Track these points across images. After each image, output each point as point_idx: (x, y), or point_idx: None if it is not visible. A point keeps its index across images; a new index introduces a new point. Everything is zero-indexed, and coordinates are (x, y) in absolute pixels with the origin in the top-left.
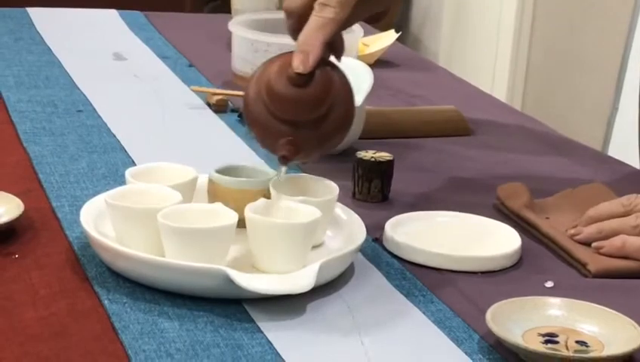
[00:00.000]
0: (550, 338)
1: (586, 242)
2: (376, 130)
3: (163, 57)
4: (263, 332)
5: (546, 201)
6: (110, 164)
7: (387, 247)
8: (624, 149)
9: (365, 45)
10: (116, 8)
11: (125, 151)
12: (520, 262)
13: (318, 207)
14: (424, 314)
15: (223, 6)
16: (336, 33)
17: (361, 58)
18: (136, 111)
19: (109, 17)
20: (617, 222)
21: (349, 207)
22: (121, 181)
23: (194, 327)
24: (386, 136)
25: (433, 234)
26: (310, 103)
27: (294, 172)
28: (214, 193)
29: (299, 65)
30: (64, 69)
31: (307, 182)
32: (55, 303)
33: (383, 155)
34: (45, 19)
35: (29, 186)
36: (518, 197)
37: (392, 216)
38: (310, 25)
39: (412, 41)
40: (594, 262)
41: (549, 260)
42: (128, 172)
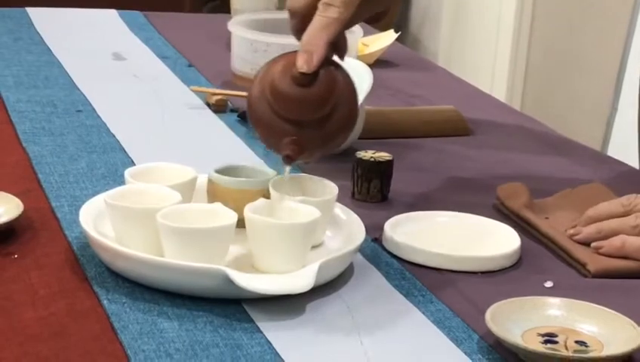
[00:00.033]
0: (549, 338)
1: (586, 242)
2: (375, 129)
3: (162, 57)
4: (262, 332)
5: (546, 201)
6: (109, 164)
7: (386, 247)
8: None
9: (365, 45)
10: (116, 8)
11: (125, 151)
12: (519, 262)
13: (318, 207)
14: (423, 314)
15: (223, 6)
16: (339, 33)
17: (361, 58)
18: (136, 111)
19: (109, 17)
20: (617, 222)
21: (349, 207)
22: (120, 181)
23: (193, 327)
24: (385, 136)
25: (433, 234)
26: (314, 103)
27: (294, 172)
28: (214, 193)
29: (303, 65)
30: (63, 69)
31: (306, 182)
32: (54, 303)
33: (383, 155)
34: (45, 19)
35: (29, 186)
36: (517, 197)
37: (391, 216)
38: (314, 25)
39: (411, 41)
40: (593, 262)
41: (548, 260)
42: (128, 172)
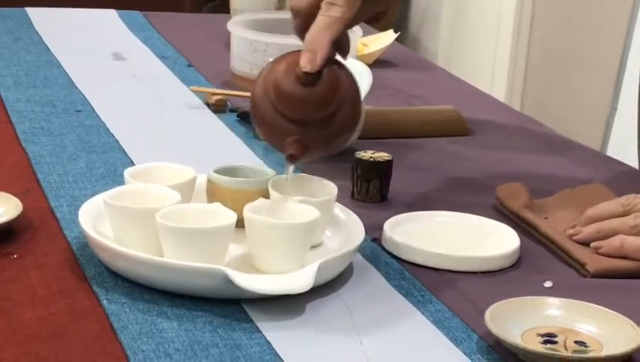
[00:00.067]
0: (549, 338)
1: (585, 242)
2: (375, 130)
3: (162, 57)
4: (261, 332)
5: (545, 201)
6: (109, 163)
7: (386, 247)
8: (623, 149)
9: (364, 45)
10: (115, 8)
11: (124, 151)
12: (519, 262)
13: (317, 207)
14: (423, 314)
15: (222, 6)
16: (342, 32)
17: (360, 58)
18: (135, 111)
19: (108, 17)
20: (616, 221)
21: (348, 207)
22: (119, 181)
23: (193, 327)
24: (384, 136)
25: (432, 235)
26: (318, 102)
27: (294, 172)
28: (213, 193)
29: (306, 65)
30: (63, 69)
31: (306, 182)
32: (54, 303)
33: (382, 155)
34: (44, 19)
35: (28, 186)
36: (517, 198)
37: (390, 216)
38: (317, 24)
39: (411, 41)
40: (593, 262)
41: (547, 260)
42: (127, 172)
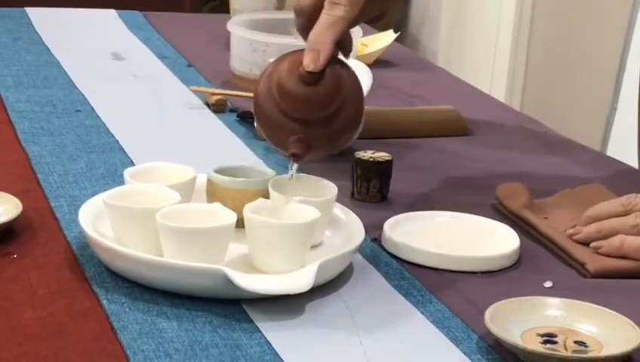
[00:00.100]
0: (549, 338)
1: (586, 241)
2: (374, 129)
3: (162, 57)
4: (261, 332)
5: (545, 201)
6: (109, 163)
7: (386, 247)
8: (623, 149)
9: (364, 45)
10: (115, 8)
11: (124, 151)
12: (519, 262)
13: (317, 207)
14: (423, 314)
15: (222, 6)
16: (345, 31)
17: (360, 58)
18: (135, 111)
19: (108, 17)
20: (617, 221)
21: (348, 207)
22: (119, 181)
23: (192, 327)
24: (384, 136)
25: (432, 235)
26: (321, 101)
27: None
28: (213, 193)
29: (310, 64)
30: (63, 69)
31: (306, 182)
32: (53, 303)
33: (382, 155)
34: (44, 19)
35: (28, 186)
36: (517, 198)
37: (390, 216)
38: (321, 23)
39: (411, 41)
40: (593, 261)
41: (547, 260)
42: (127, 172)
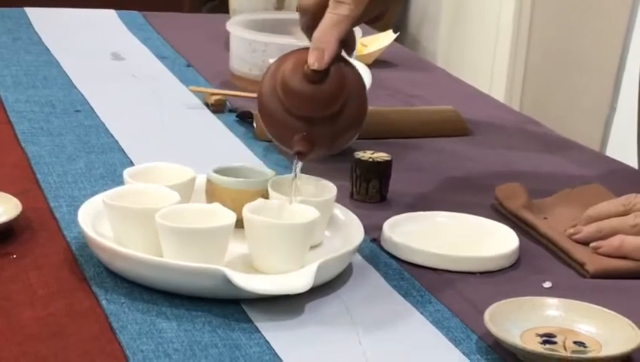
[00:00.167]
0: (548, 338)
1: (586, 241)
2: (374, 130)
3: (161, 57)
4: (261, 332)
5: (545, 202)
6: (108, 164)
7: (385, 248)
8: (622, 149)
9: (363, 45)
10: (114, 8)
11: (123, 152)
12: (518, 263)
13: (317, 207)
14: (422, 314)
15: (221, 6)
16: (350, 30)
17: (360, 58)
18: (135, 111)
19: (107, 17)
20: (617, 221)
21: (347, 208)
22: (119, 181)
23: (192, 327)
24: (384, 137)
25: (431, 235)
26: (325, 100)
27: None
28: (212, 193)
29: (314, 62)
30: (62, 69)
31: (305, 182)
32: (53, 303)
33: (381, 155)
34: (43, 19)
35: (27, 186)
36: (516, 198)
37: (390, 217)
38: (325, 22)
39: (410, 41)
40: (592, 262)
41: (547, 260)
42: (126, 172)
